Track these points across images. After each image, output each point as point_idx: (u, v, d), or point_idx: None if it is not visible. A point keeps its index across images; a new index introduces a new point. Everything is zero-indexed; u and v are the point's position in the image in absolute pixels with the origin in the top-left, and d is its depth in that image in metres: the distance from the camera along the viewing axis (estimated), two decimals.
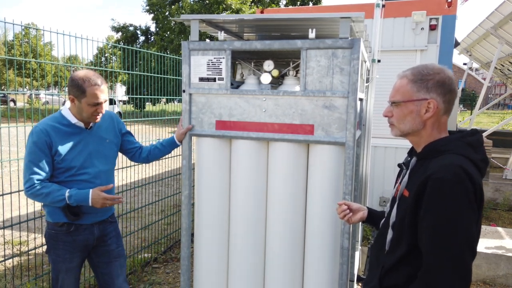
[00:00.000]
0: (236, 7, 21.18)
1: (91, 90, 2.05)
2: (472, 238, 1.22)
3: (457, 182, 1.20)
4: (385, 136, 4.94)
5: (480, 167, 1.31)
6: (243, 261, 2.26)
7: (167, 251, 4.40)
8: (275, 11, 7.68)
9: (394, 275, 1.38)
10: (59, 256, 2.21)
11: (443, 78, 1.34)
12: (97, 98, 2.08)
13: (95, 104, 2.09)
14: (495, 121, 21.56)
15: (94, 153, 2.21)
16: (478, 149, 1.33)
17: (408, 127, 1.40)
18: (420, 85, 1.35)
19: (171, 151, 2.53)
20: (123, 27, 27.45)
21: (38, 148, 2.06)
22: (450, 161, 1.26)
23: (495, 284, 3.79)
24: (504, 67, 10.09)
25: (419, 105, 1.36)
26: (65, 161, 2.12)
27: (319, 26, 2.21)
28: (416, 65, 1.42)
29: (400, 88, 1.40)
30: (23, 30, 3.02)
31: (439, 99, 1.34)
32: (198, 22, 2.20)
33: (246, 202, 2.21)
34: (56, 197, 2.06)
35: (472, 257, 1.22)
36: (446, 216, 1.20)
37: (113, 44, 4.29)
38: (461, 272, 1.19)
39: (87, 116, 2.13)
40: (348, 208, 1.70)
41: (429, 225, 1.23)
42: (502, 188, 6.54)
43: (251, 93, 2.15)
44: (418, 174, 1.34)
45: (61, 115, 2.17)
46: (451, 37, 4.62)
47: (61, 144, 2.11)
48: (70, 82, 2.09)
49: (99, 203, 2.10)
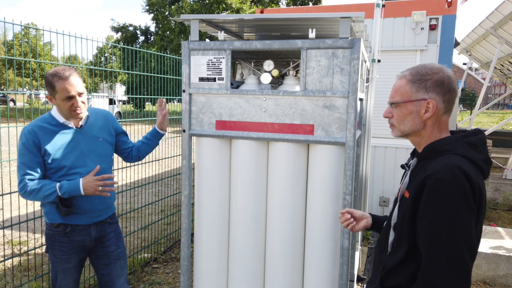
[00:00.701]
0: (236, 6, 21.18)
1: (59, 85, 2.03)
2: (471, 238, 1.20)
3: (455, 183, 1.20)
4: (385, 136, 4.94)
5: (482, 167, 1.30)
6: (243, 261, 2.26)
7: (167, 251, 4.40)
8: (275, 11, 7.68)
9: (395, 276, 1.38)
10: (56, 257, 2.20)
11: (442, 77, 1.34)
12: (67, 91, 2.04)
13: (67, 98, 2.05)
14: (495, 121, 21.57)
15: (86, 152, 2.20)
16: (480, 148, 1.32)
17: (408, 128, 1.40)
18: (419, 85, 1.35)
19: (158, 142, 2.52)
20: (123, 27, 27.46)
21: (27, 149, 2.07)
22: (448, 161, 1.25)
23: (495, 284, 3.79)
24: (503, 67, 10.09)
25: (418, 105, 1.35)
26: (55, 161, 2.11)
27: (319, 26, 2.21)
28: (415, 65, 1.41)
29: (399, 88, 1.40)
30: (23, 30, 3.01)
31: (438, 98, 1.34)
32: (198, 22, 2.20)
33: (246, 202, 2.21)
34: (48, 190, 2.05)
35: (471, 257, 1.21)
36: (443, 217, 1.19)
37: (112, 44, 4.29)
38: (460, 272, 1.18)
39: (66, 112, 2.10)
40: (351, 216, 1.67)
41: (427, 226, 1.23)
42: (502, 188, 6.54)
43: (251, 93, 2.15)
44: (418, 175, 1.34)
45: (50, 115, 2.16)
46: (451, 37, 4.62)
47: (50, 144, 2.10)
48: (45, 81, 2.08)
49: (91, 187, 2.06)
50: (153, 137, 2.47)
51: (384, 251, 1.46)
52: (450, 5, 4.55)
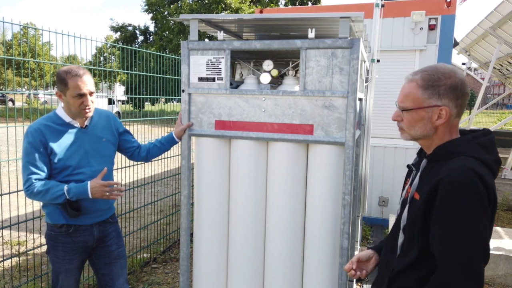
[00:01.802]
0: (235, 6, 21.17)
1: (72, 82, 2.04)
2: (485, 242, 1.19)
3: (469, 185, 1.17)
4: (384, 136, 4.95)
5: (493, 168, 1.28)
6: (242, 261, 2.26)
7: (166, 251, 4.39)
8: (274, 10, 7.68)
9: (404, 278, 1.36)
10: (58, 258, 2.19)
11: (455, 82, 1.29)
12: (79, 88, 2.05)
13: (79, 95, 2.06)
14: (494, 121, 21.61)
15: (90, 153, 2.20)
16: (490, 149, 1.30)
17: (419, 133, 1.35)
18: (432, 91, 1.29)
19: (170, 148, 2.51)
20: (122, 27, 27.44)
21: (33, 148, 2.05)
22: (461, 164, 1.23)
23: (494, 283, 3.79)
24: (502, 67, 10.10)
25: (430, 111, 1.31)
26: (61, 161, 2.10)
27: (318, 26, 2.21)
28: (425, 67, 1.34)
29: (409, 94, 1.34)
30: (22, 30, 3.00)
31: (452, 104, 1.29)
32: (197, 21, 2.20)
33: (246, 202, 2.21)
34: (55, 193, 2.03)
35: (485, 261, 1.19)
36: (458, 220, 1.17)
37: (112, 43, 4.28)
38: (474, 276, 1.17)
39: (75, 110, 2.10)
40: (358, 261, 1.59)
41: (442, 229, 1.21)
42: (501, 188, 6.55)
43: (251, 93, 2.14)
44: (429, 177, 1.31)
45: (56, 115, 2.16)
46: (450, 37, 4.63)
47: (56, 143, 2.09)
48: (56, 78, 2.08)
49: (98, 191, 2.05)
50: (167, 143, 2.45)
51: (393, 253, 1.43)
52: (449, 5, 4.56)
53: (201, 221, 2.33)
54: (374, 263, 1.60)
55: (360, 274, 1.58)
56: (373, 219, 5.20)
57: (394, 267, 1.40)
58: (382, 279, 1.47)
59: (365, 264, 1.61)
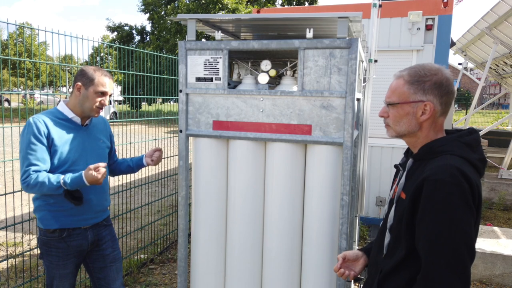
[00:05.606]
0: (232, 6, 21.15)
1: (100, 79, 2.13)
2: (471, 240, 1.19)
3: (454, 184, 1.18)
4: (382, 136, 4.95)
5: (478, 167, 1.29)
6: (240, 262, 2.25)
7: (163, 252, 4.38)
8: (271, 10, 7.67)
9: (393, 279, 1.36)
10: (52, 263, 2.14)
11: (440, 79, 1.32)
12: (104, 85, 2.14)
13: (101, 92, 2.13)
14: (490, 121, 21.70)
15: (88, 151, 2.19)
16: (475, 148, 1.31)
17: (404, 129, 1.38)
18: (417, 86, 1.33)
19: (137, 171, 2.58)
20: (119, 26, 27.34)
21: (35, 138, 2.00)
22: (446, 162, 1.24)
23: (492, 283, 3.80)
24: (498, 67, 10.15)
25: (415, 107, 1.34)
26: (60, 154, 2.07)
27: (316, 26, 2.20)
28: (413, 65, 1.39)
29: (396, 89, 1.38)
30: (18, 30, 2.98)
31: (436, 101, 1.32)
32: (195, 21, 2.19)
33: (244, 203, 2.20)
34: (52, 184, 1.98)
35: (471, 259, 1.20)
36: (443, 219, 1.18)
37: (108, 43, 4.26)
38: (460, 275, 1.17)
39: (90, 106, 2.13)
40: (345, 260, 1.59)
41: (427, 228, 1.21)
42: (498, 188, 6.57)
43: (249, 93, 2.14)
44: (415, 176, 1.32)
45: (57, 110, 2.16)
46: (447, 37, 4.64)
47: (58, 135, 2.07)
48: (79, 72, 2.15)
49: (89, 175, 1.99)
50: (136, 167, 2.51)
51: (380, 254, 1.44)
52: (446, 5, 4.57)
53: (199, 221, 2.32)
54: (362, 264, 1.61)
55: (348, 274, 1.58)
56: (371, 219, 5.20)
57: (382, 267, 1.40)
58: (372, 280, 1.47)
59: (353, 264, 1.62)
